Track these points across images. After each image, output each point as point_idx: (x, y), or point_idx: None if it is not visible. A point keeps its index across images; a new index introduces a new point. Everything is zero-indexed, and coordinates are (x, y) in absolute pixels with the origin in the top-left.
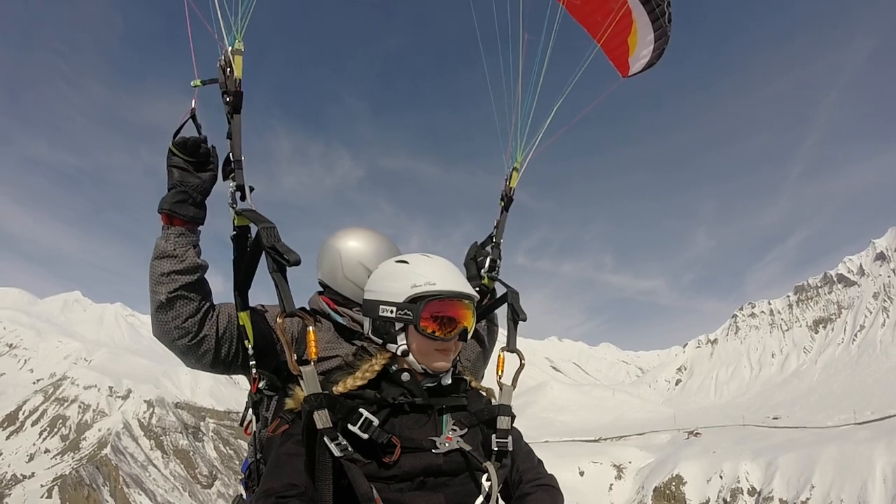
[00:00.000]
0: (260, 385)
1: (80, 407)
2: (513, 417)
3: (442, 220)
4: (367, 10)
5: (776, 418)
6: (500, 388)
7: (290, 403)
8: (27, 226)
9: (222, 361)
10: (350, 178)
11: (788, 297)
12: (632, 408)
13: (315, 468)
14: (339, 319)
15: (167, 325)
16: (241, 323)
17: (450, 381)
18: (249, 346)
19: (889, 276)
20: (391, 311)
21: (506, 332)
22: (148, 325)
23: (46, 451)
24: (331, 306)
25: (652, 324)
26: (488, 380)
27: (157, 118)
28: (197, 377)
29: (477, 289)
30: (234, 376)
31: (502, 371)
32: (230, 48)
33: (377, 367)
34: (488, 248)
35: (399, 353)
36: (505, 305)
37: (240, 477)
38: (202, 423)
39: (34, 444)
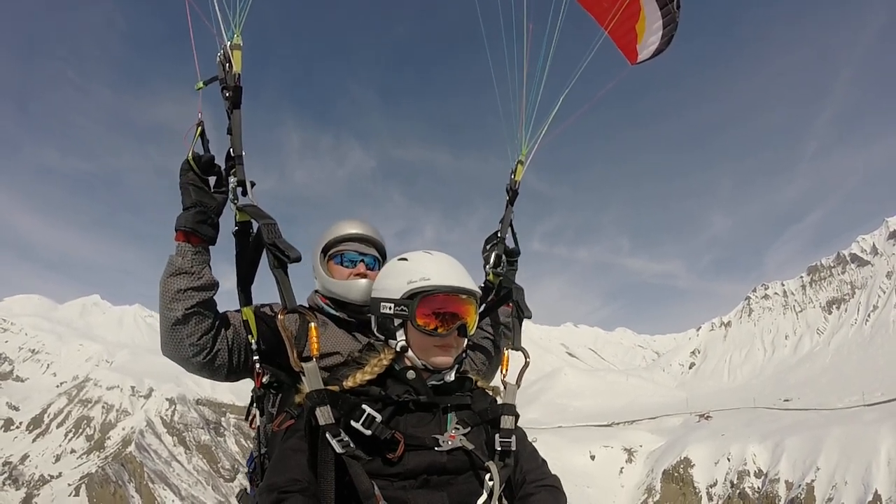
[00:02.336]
0: (264, 380)
1: (103, 407)
2: (517, 417)
3: (456, 209)
4: None
5: (787, 400)
6: (505, 387)
7: (298, 399)
8: (44, 233)
9: (234, 371)
10: (363, 169)
11: (802, 277)
12: (645, 392)
13: (317, 464)
14: (336, 313)
15: (182, 342)
16: (244, 318)
17: (453, 379)
18: (253, 341)
19: None
20: (390, 308)
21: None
22: None
23: (72, 451)
24: (323, 301)
25: (669, 307)
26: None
27: (164, 118)
28: None
29: (481, 285)
30: None
31: (506, 370)
32: (229, 43)
33: (385, 362)
34: (494, 244)
35: (399, 349)
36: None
37: (245, 471)
38: (223, 419)
39: (60, 446)
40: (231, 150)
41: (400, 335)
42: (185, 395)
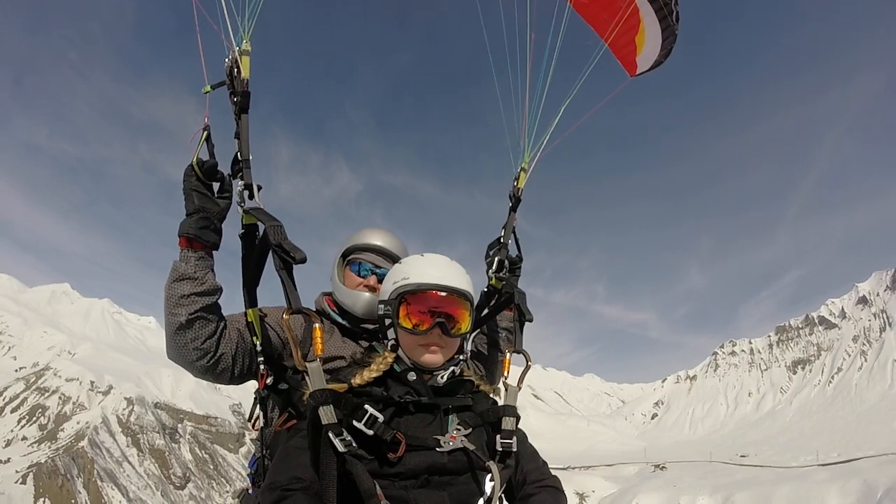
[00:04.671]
0: (268, 381)
1: (60, 398)
2: (518, 418)
3: (437, 240)
4: (378, 23)
5: (744, 456)
6: (506, 389)
7: (305, 398)
8: (21, 211)
9: (238, 375)
10: (348, 192)
11: (769, 336)
12: (605, 439)
13: (319, 463)
14: (340, 320)
15: (186, 346)
16: (249, 319)
17: (445, 380)
18: (258, 343)
19: (870, 321)
20: (382, 309)
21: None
22: (134, 323)
23: (24, 438)
24: (332, 308)
25: (639, 356)
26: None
27: (159, 113)
28: (179, 379)
29: (484, 290)
30: (215, 384)
31: (508, 372)
32: (238, 49)
33: (390, 360)
34: (497, 249)
35: (390, 347)
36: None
37: (247, 472)
38: (180, 425)
39: (12, 431)
40: (238, 153)
41: (391, 334)
42: (144, 396)
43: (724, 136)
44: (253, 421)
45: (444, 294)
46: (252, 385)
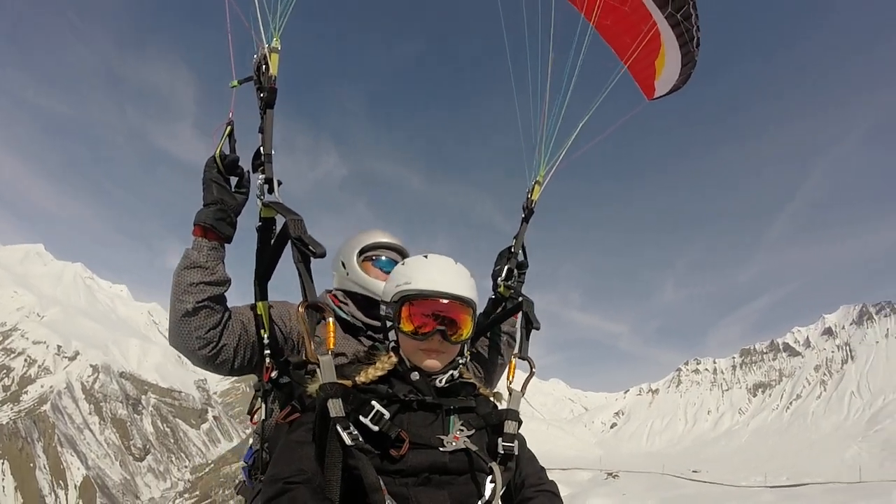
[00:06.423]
0: (272, 375)
1: (26, 360)
2: (520, 423)
3: (419, 234)
4: (390, 7)
5: (696, 471)
6: (510, 393)
7: (310, 389)
8: (2, 164)
9: (237, 368)
10: (333, 177)
11: (734, 358)
12: (564, 444)
13: (325, 456)
14: (344, 316)
15: (190, 335)
16: (258, 312)
17: (443, 384)
18: (266, 336)
19: (833, 352)
20: (384, 310)
21: (518, 340)
22: (106, 290)
23: None
24: (335, 303)
25: (608, 366)
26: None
27: (153, 82)
28: (146, 350)
29: (491, 296)
30: (182, 357)
31: (513, 376)
32: (267, 46)
33: (394, 361)
34: (507, 258)
35: (391, 349)
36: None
37: (243, 464)
38: (143, 397)
39: None
40: (261, 147)
41: (392, 336)
42: (110, 364)
43: (713, 161)
44: (252, 413)
45: (446, 302)
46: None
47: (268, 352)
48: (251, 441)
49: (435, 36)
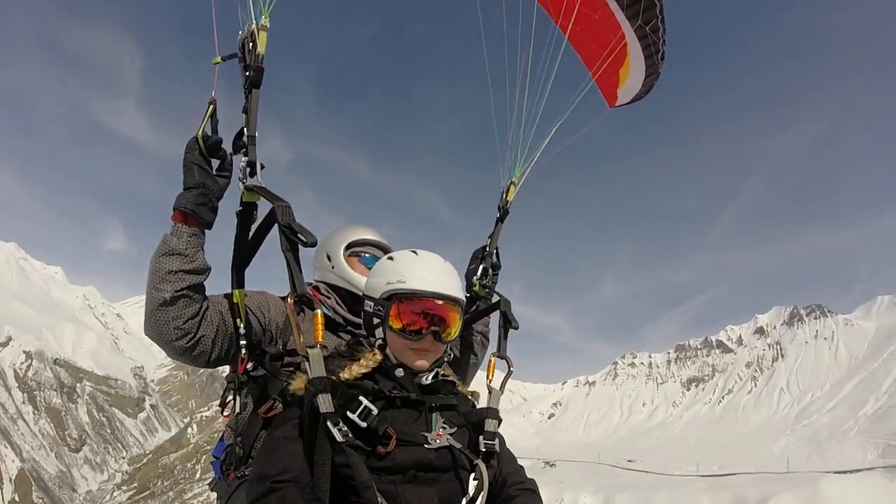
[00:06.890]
0: (248, 366)
1: None
2: (499, 421)
3: (362, 220)
4: None
5: (631, 461)
6: (490, 392)
7: (295, 385)
8: None
9: (214, 360)
10: (278, 160)
11: (669, 353)
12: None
13: (314, 453)
14: (325, 311)
15: (167, 325)
16: (234, 301)
17: (429, 381)
18: (241, 325)
19: (764, 350)
20: (371, 307)
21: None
22: (40, 272)
23: None
24: (317, 296)
25: (546, 357)
26: (477, 384)
27: (93, 49)
28: (81, 336)
29: (467, 295)
30: (118, 343)
31: (492, 375)
32: (256, 23)
33: (379, 357)
34: (481, 258)
35: (377, 346)
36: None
37: (212, 459)
38: (78, 385)
39: None
40: (245, 128)
41: (379, 333)
42: (43, 351)
43: (658, 163)
44: (224, 406)
45: (440, 302)
46: (156, 349)
47: (244, 342)
48: (224, 434)
49: (386, 21)
